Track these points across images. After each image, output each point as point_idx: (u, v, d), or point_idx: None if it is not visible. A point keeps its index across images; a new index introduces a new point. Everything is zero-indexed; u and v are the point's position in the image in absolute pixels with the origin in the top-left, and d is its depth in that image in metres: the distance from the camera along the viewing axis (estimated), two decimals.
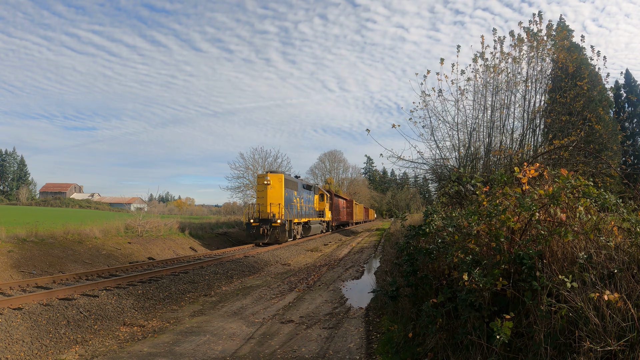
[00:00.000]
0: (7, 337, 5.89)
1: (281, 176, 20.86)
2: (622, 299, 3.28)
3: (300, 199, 23.61)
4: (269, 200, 19.97)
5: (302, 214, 24.21)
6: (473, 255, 4.27)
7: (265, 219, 19.65)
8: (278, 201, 20.15)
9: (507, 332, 3.22)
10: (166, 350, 5.86)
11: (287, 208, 20.78)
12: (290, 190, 21.64)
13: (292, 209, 21.64)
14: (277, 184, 20.42)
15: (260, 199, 20.53)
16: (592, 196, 4.04)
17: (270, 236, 19.43)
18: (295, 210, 22.36)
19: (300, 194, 23.66)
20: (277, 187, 20.32)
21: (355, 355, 5.55)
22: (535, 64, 11.72)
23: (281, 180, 20.64)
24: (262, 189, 20.47)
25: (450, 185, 6.21)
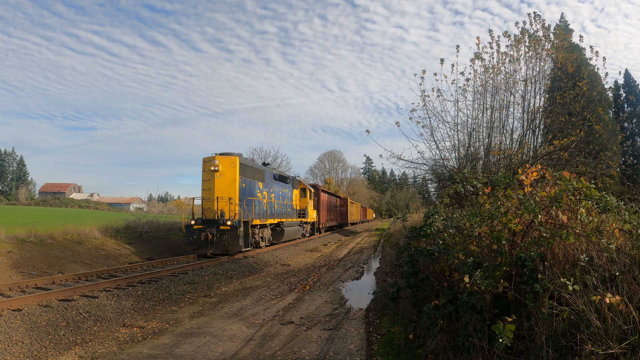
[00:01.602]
0: (6, 338, 5.87)
1: (235, 160, 14.91)
2: (624, 302, 3.27)
3: (268, 193, 18.17)
4: (217, 193, 14.45)
5: (272, 212, 18.37)
6: (474, 257, 4.26)
7: (211, 219, 14.27)
8: (229, 194, 14.61)
9: (510, 335, 3.21)
10: (166, 352, 5.84)
11: (245, 204, 15.13)
12: (250, 181, 16.18)
13: (253, 206, 15.87)
14: (228, 170, 14.81)
15: (205, 191, 14.89)
16: (593, 198, 4.03)
17: (217, 244, 13.98)
18: (259, 208, 16.65)
19: (268, 187, 18.19)
20: (228, 175, 14.77)
21: (356, 356, 5.54)
22: (533, 64, 11.74)
23: (235, 166, 14.87)
24: (208, 178, 14.85)
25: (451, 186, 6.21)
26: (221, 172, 14.76)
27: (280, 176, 20.64)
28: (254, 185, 16.72)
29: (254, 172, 16.89)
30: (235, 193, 14.85)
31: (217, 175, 14.76)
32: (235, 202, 14.72)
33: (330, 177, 74.90)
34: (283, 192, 20.65)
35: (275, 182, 19.59)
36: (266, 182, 18.11)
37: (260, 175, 17.59)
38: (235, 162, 15.01)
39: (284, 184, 20.85)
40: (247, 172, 16.07)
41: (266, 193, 18.08)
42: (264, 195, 17.89)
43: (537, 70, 11.79)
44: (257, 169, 17.38)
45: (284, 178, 21.11)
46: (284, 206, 20.58)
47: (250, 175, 16.33)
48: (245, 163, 15.91)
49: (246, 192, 15.67)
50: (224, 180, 14.79)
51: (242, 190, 15.27)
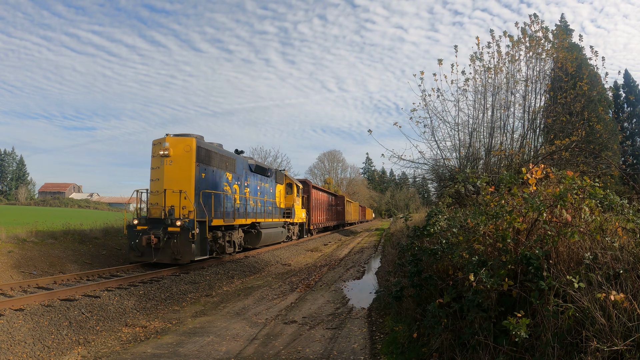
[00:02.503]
0: (9, 338, 5.87)
1: (190, 142, 11.68)
2: (628, 299, 3.29)
3: (241, 187, 14.94)
4: (166, 185, 11.31)
5: (246, 211, 15.24)
6: (479, 256, 4.27)
7: (157, 218, 11.24)
8: (182, 186, 11.41)
9: (524, 329, 3.21)
10: (170, 351, 5.84)
11: (203, 200, 11.83)
12: (214, 171, 12.86)
13: (214, 201, 12.56)
14: (182, 155, 11.63)
15: (154, 182, 11.82)
16: (597, 197, 4.05)
17: (164, 250, 10.97)
18: (226, 205, 13.35)
19: (241, 179, 14.96)
20: (181, 162, 11.61)
21: (360, 355, 5.56)
22: (534, 64, 11.78)
23: (190, 150, 11.61)
24: (157, 165, 11.77)
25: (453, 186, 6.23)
26: (173, 157, 11.55)
27: (259, 167, 16.90)
28: (220, 176, 13.24)
29: (220, 159, 13.32)
30: (190, 184, 11.53)
31: (167, 162, 11.49)
32: (189, 197, 11.37)
33: (330, 177, 74.95)
34: (262, 186, 17.32)
35: (252, 175, 16.19)
36: (238, 173, 14.69)
37: (230, 164, 14.08)
38: (191, 146, 11.63)
39: (263, 177, 17.44)
40: (209, 159, 12.60)
41: (237, 187, 14.55)
42: (235, 190, 14.33)
43: (537, 70, 11.84)
44: (224, 156, 13.75)
45: (263, 170, 17.42)
46: (263, 203, 17.12)
47: (214, 164, 12.90)
48: (205, 147, 12.39)
49: (207, 183, 12.30)
50: (176, 168, 11.54)
51: (201, 181, 12.00)
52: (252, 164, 16.32)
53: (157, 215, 11.45)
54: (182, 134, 12.34)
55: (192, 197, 11.58)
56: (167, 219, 11.16)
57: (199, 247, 11.53)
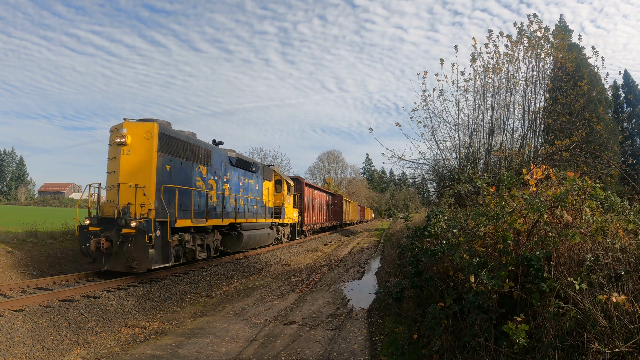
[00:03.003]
0: (8, 339, 5.85)
1: (152, 128, 9.99)
2: (630, 301, 3.28)
3: (219, 183, 13.15)
4: (121, 178, 9.74)
5: (225, 210, 13.38)
6: (479, 257, 4.26)
7: (110, 218, 9.67)
8: (140, 179, 9.75)
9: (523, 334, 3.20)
10: (169, 352, 5.83)
11: (167, 196, 10.21)
12: (183, 162, 11.15)
13: (185, 199, 11.02)
14: (141, 143, 9.98)
15: (110, 175, 10.24)
16: (598, 198, 4.04)
17: (117, 256, 9.34)
18: (198, 203, 11.73)
19: (218, 174, 13.13)
20: (141, 151, 9.97)
21: (360, 356, 5.54)
22: (533, 64, 11.78)
23: (151, 137, 9.96)
24: (113, 155, 10.21)
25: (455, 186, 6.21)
26: (130, 146, 9.88)
27: (241, 161, 15.07)
28: (190, 169, 11.52)
29: (191, 150, 11.57)
30: (150, 178, 9.82)
31: (123, 151, 9.84)
32: (149, 192, 9.66)
33: (329, 177, 74.96)
34: (246, 183, 15.53)
35: (233, 169, 14.37)
36: (215, 166, 12.90)
37: (204, 156, 12.29)
38: (152, 132, 9.90)
39: (247, 172, 15.67)
40: (176, 149, 10.87)
41: (214, 182, 12.80)
42: (210, 186, 12.57)
43: (537, 71, 11.84)
44: (197, 147, 11.92)
45: (246, 164, 15.57)
46: (246, 202, 15.34)
47: (183, 154, 11.16)
48: (170, 134, 10.61)
49: (172, 177, 10.62)
50: (134, 159, 9.90)
51: (165, 174, 10.29)
52: (232, 156, 14.41)
53: (110, 215, 9.71)
54: (144, 119, 10.41)
55: (152, 192, 9.78)
56: (120, 218, 9.38)
57: (160, 252, 9.80)
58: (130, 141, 10.00)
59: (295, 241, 22.61)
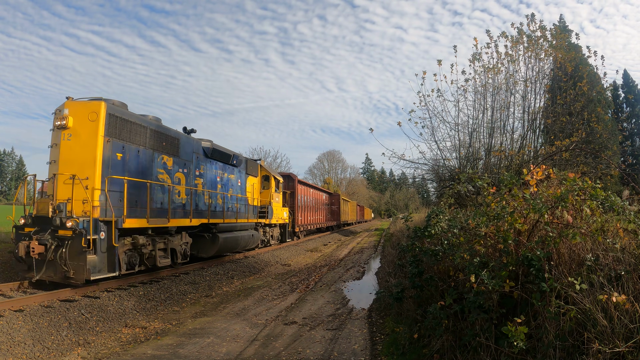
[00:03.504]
0: (9, 339, 5.86)
1: (98, 108, 8.41)
2: (630, 301, 3.29)
3: (189, 177, 11.51)
4: (61, 168, 8.28)
5: (197, 208, 11.78)
6: (480, 257, 4.27)
7: (44, 216, 7.99)
8: (83, 170, 8.18)
9: (522, 336, 3.21)
10: (170, 352, 5.83)
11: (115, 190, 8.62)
12: (140, 150, 9.49)
13: (141, 194, 9.40)
14: (85, 127, 8.37)
15: (51, 165, 8.54)
16: (599, 198, 4.05)
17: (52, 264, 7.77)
18: (160, 200, 10.09)
19: (189, 166, 11.53)
20: (85, 136, 8.36)
21: (360, 356, 5.55)
22: (533, 64, 11.81)
23: (97, 118, 8.36)
24: (54, 142, 8.50)
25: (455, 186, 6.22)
26: (72, 129, 8.29)
27: (218, 153, 13.12)
28: (150, 159, 9.81)
29: (151, 136, 9.81)
30: (94, 167, 8.18)
31: (64, 136, 8.29)
32: (92, 185, 8.08)
33: (329, 177, 75.01)
34: (225, 178, 13.77)
35: (208, 162, 12.63)
36: (184, 157, 11.22)
37: (169, 144, 10.58)
38: (98, 112, 8.30)
39: (227, 165, 13.86)
40: (130, 134, 9.15)
41: (182, 176, 11.17)
42: (178, 179, 10.94)
43: (536, 71, 11.86)
44: (160, 133, 10.19)
45: (225, 157, 13.64)
46: (225, 199, 13.56)
47: (140, 141, 9.44)
48: (123, 116, 8.97)
49: (124, 167, 8.94)
50: (76, 145, 8.27)
51: (114, 163, 8.66)
52: (207, 147, 12.60)
53: (44, 213, 7.98)
54: (91, 98, 8.78)
55: (96, 185, 8.16)
56: (55, 217, 7.74)
57: (104, 259, 8.20)
58: (71, 124, 8.32)
59: (286, 243, 21.08)
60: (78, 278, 7.79)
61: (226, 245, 13.26)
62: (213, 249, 12.66)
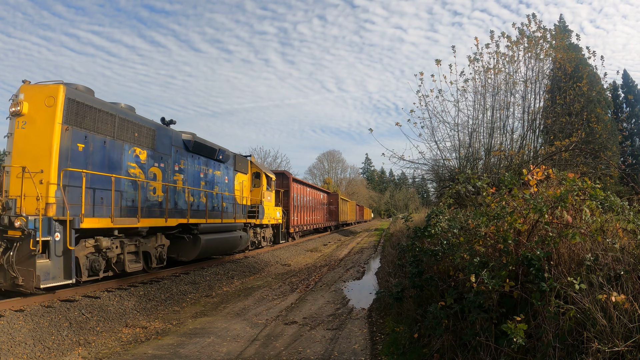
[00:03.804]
0: (9, 339, 5.87)
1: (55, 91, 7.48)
2: (629, 301, 3.30)
3: (167, 172, 10.55)
4: (14, 160, 7.41)
5: (176, 207, 10.86)
6: (480, 257, 4.29)
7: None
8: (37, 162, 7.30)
9: (521, 334, 3.23)
10: (171, 352, 5.85)
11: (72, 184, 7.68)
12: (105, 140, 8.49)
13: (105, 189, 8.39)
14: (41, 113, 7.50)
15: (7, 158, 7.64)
16: (598, 198, 4.07)
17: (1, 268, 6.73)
18: (133, 197, 9.24)
19: (167, 160, 10.54)
20: (40, 122, 7.48)
21: (361, 356, 5.57)
22: (533, 64, 11.83)
23: (55, 104, 7.45)
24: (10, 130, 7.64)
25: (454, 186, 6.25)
26: (27, 116, 7.49)
27: (201, 147, 12.04)
28: (120, 150, 8.82)
29: (121, 125, 8.79)
30: (50, 159, 7.33)
31: (19, 124, 7.50)
32: (47, 179, 7.27)
33: (329, 177, 75.05)
34: (209, 174, 12.78)
35: (189, 156, 11.62)
36: (160, 150, 10.22)
37: (143, 135, 9.58)
38: (55, 97, 7.46)
39: (211, 160, 12.84)
40: (96, 123, 8.21)
41: (158, 171, 10.14)
42: (153, 175, 9.92)
43: (536, 71, 11.88)
44: (131, 122, 9.17)
45: (210, 151, 12.61)
46: (210, 197, 12.55)
47: (106, 130, 8.39)
48: (85, 102, 8.04)
49: (87, 160, 8.01)
50: (32, 134, 7.45)
51: (75, 155, 7.76)
52: (188, 140, 11.50)
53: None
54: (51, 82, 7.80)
55: (52, 179, 7.25)
56: (3, 216, 6.90)
57: (60, 264, 7.18)
58: (26, 110, 7.44)
59: (280, 244, 19.84)
60: (27, 286, 6.71)
61: (209, 247, 12.26)
62: (194, 251, 11.56)
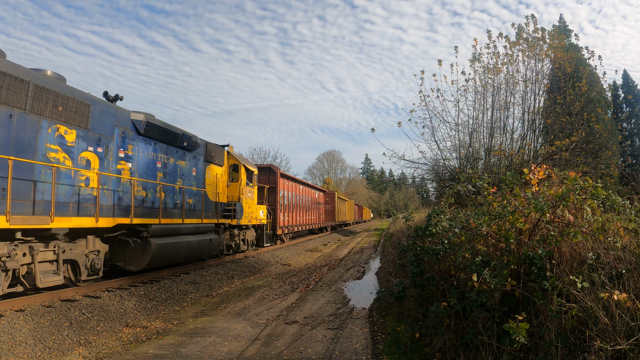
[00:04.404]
0: (10, 339, 5.86)
1: None
2: (631, 299, 3.31)
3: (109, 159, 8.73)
4: None
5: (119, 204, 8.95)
6: (481, 256, 4.29)
7: None
8: None
9: (523, 332, 3.23)
10: (172, 352, 5.84)
11: None
12: (11, 115, 6.55)
13: (5, 182, 6.18)
14: None
15: None
16: (600, 198, 4.07)
17: None
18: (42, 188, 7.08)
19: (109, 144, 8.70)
20: None
21: (362, 355, 5.56)
22: (532, 65, 11.85)
23: None
24: None
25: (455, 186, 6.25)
26: None
27: (158, 130, 10.06)
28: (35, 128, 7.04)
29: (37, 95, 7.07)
30: None
31: None
32: None
33: (329, 177, 75.07)
34: (171, 164, 10.78)
35: (142, 141, 9.66)
36: (97, 131, 8.30)
37: (73, 111, 7.80)
38: None
39: (172, 148, 10.85)
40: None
41: (93, 156, 8.26)
42: (86, 161, 8.09)
43: (535, 71, 11.90)
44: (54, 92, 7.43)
45: (171, 136, 10.67)
46: (170, 192, 10.66)
47: (13, 101, 6.65)
48: None
49: None
50: None
51: None
52: (139, 120, 9.40)
53: None
54: None
55: None
56: None
57: None
58: None
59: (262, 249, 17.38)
60: None
61: (164, 253, 10.05)
62: (144, 259, 9.41)
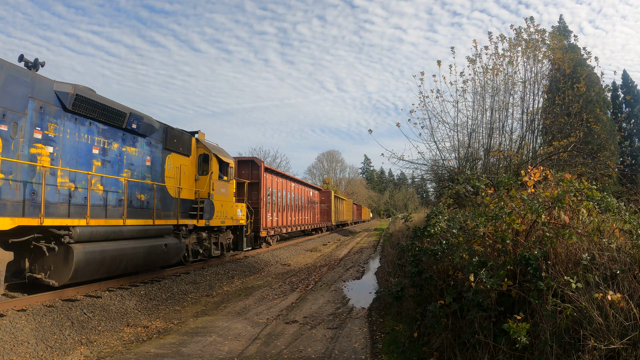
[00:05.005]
0: (12, 338, 5.91)
1: None
2: (625, 299, 3.37)
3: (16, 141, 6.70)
4: None
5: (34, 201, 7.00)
6: (479, 257, 4.35)
7: None
8: None
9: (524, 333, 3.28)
10: (173, 351, 5.90)
11: None
12: None
13: None
14: None
15: None
16: (595, 199, 4.13)
17: None
18: None
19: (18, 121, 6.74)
20: None
21: (361, 355, 5.62)
22: (531, 66, 11.91)
23: None
24: None
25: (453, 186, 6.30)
26: None
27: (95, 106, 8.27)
28: None
29: None
30: None
31: None
32: None
33: (328, 176, 75.11)
34: (114, 150, 9.00)
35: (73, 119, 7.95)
36: (0, 101, 6.55)
37: None
38: None
39: (117, 130, 9.09)
40: None
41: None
42: None
43: (534, 72, 11.96)
44: None
45: (113, 115, 8.77)
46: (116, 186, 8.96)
47: None
48: None
49: None
50: None
51: None
52: (64, 92, 7.68)
53: None
54: None
55: None
56: None
57: None
58: None
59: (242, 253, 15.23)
60: None
61: (93, 264, 7.91)
62: (66, 271, 7.45)
